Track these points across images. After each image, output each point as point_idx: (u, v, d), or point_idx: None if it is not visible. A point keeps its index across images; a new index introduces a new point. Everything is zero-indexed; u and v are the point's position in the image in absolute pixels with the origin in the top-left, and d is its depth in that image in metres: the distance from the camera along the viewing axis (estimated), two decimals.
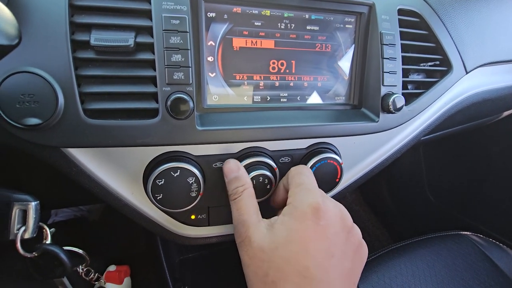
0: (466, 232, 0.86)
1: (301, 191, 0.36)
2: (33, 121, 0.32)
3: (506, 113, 0.85)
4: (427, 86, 0.51)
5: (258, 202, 0.42)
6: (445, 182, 1.20)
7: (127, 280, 0.57)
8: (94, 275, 0.49)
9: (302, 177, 0.38)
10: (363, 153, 0.50)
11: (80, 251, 0.41)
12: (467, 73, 0.54)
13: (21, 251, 0.33)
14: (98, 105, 0.35)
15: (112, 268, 0.56)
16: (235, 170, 0.39)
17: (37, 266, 0.36)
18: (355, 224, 0.37)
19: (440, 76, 0.52)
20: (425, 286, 0.72)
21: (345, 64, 0.48)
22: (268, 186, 0.42)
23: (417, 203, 1.31)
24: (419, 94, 0.50)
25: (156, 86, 0.36)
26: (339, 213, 0.36)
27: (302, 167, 0.42)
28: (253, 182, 0.41)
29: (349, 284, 0.33)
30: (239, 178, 0.38)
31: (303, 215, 0.33)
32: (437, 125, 0.55)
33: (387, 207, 1.43)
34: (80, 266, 0.45)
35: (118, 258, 0.67)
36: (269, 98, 0.45)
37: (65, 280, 0.41)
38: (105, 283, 0.53)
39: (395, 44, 0.46)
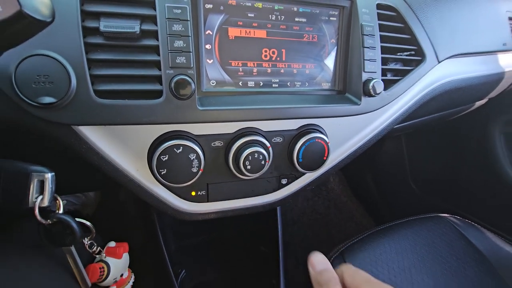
0: (444, 215, 0.92)
1: None
2: (48, 99, 0.35)
3: (478, 103, 0.92)
4: (403, 73, 0.56)
5: (254, 178, 0.46)
6: (426, 171, 1.28)
7: (125, 256, 0.60)
8: (97, 248, 0.52)
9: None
10: (348, 134, 0.55)
11: (88, 223, 0.44)
12: (439, 62, 0.60)
13: (39, 217, 0.36)
14: (107, 86, 0.38)
15: (112, 244, 0.59)
16: (324, 262, 0.36)
17: (49, 234, 0.39)
18: None
19: (415, 65, 0.58)
20: (407, 262, 0.78)
21: (330, 53, 0.53)
22: (263, 162, 0.46)
23: (400, 192, 1.38)
24: (396, 81, 0.55)
25: (159, 70, 0.40)
26: None
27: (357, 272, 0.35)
28: (248, 159, 0.45)
29: None
30: (330, 270, 0.35)
31: None
32: (414, 111, 0.61)
33: (372, 196, 1.50)
34: (86, 239, 0.48)
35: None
36: (262, 83, 0.50)
37: (72, 249, 0.44)
38: (105, 257, 0.56)
39: (374, 35, 0.51)
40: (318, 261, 0.37)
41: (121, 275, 0.61)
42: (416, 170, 1.30)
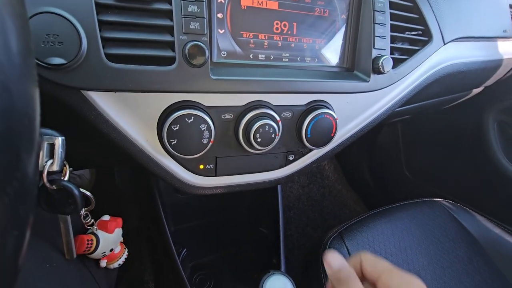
0: (438, 199, 0.95)
1: None
2: (57, 60, 0.34)
3: (475, 90, 0.94)
4: (410, 53, 0.57)
5: (262, 153, 0.46)
6: (420, 159, 1.31)
7: (118, 231, 0.59)
8: (90, 220, 0.51)
9: None
10: (354, 112, 0.55)
11: (88, 193, 0.43)
12: (444, 44, 0.60)
13: (46, 182, 0.35)
14: (118, 50, 0.37)
15: (106, 217, 0.58)
16: (340, 260, 0.35)
17: (49, 199, 0.38)
18: None
19: (421, 45, 0.58)
20: (403, 243, 0.80)
21: (340, 29, 0.52)
22: (273, 136, 0.46)
23: (394, 180, 1.41)
24: (404, 60, 0.56)
25: (172, 36, 0.39)
26: None
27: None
28: (259, 131, 0.45)
29: None
30: (347, 267, 0.34)
31: None
32: (417, 93, 0.62)
33: (366, 184, 1.53)
34: (83, 209, 0.48)
35: None
36: (272, 57, 0.49)
37: (68, 217, 0.43)
38: (96, 230, 0.56)
39: (385, 11, 0.51)
40: (334, 259, 0.36)
41: (111, 250, 0.60)
42: (411, 158, 1.33)
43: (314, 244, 0.81)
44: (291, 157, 0.54)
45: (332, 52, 0.53)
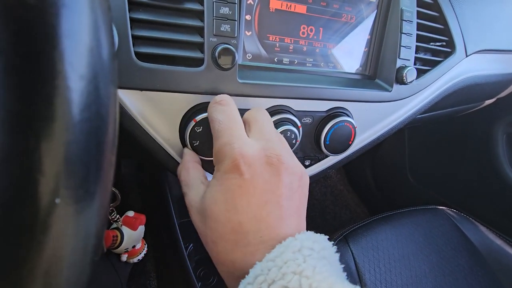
0: (442, 207, 0.96)
1: (224, 147, 0.33)
2: None
3: (487, 101, 0.94)
4: (432, 64, 0.56)
5: None
6: (425, 165, 1.31)
7: (141, 228, 0.60)
8: (116, 216, 0.52)
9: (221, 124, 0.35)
10: (373, 120, 0.55)
11: (114, 189, 0.43)
12: (466, 56, 0.60)
13: None
14: (148, 49, 0.37)
15: (130, 213, 0.58)
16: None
17: None
18: (286, 158, 0.33)
19: (444, 56, 0.58)
20: (406, 249, 0.81)
21: (365, 36, 0.52)
22: (294, 141, 0.46)
23: (397, 183, 1.42)
24: (425, 71, 0.55)
25: (202, 37, 0.38)
26: (264, 158, 0.32)
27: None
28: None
29: (294, 219, 0.31)
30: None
31: (225, 175, 0.31)
32: (435, 104, 0.62)
33: (368, 186, 1.54)
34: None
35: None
36: (296, 61, 0.49)
37: None
38: (121, 225, 0.56)
39: (412, 21, 0.50)
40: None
41: (134, 246, 0.61)
42: (415, 164, 1.33)
43: None
44: (307, 162, 0.54)
45: (355, 59, 0.53)
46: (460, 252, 0.85)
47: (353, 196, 1.61)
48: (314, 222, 1.48)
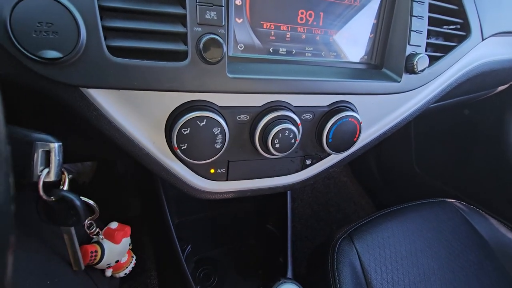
0: (451, 200, 0.92)
1: None
2: (52, 54, 0.29)
3: (500, 88, 0.88)
4: (445, 49, 0.51)
5: (278, 158, 0.41)
6: (432, 156, 1.26)
7: (125, 241, 0.55)
8: (95, 230, 0.48)
9: None
10: (380, 114, 0.50)
11: (91, 202, 0.39)
12: (483, 39, 0.54)
13: (42, 194, 0.31)
14: (122, 43, 0.32)
15: (113, 225, 0.54)
16: None
17: (50, 211, 0.34)
18: None
19: (458, 41, 0.52)
20: (414, 246, 0.78)
21: (371, 20, 0.46)
22: (293, 141, 0.42)
23: (403, 175, 1.37)
24: (437, 58, 0.50)
25: (184, 26, 0.33)
26: None
27: None
28: (278, 136, 0.40)
29: None
30: None
31: None
32: (448, 92, 0.56)
33: (373, 179, 1.50)
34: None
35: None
36: (294, 51, 0.44)
37: (71, 229, 0.40)
38: (102, 239, 0.52)
39: (424, 2, 0.45)
40: None
41: (117, 261, 0.56)
42: (422, 154, 1.29)
43: (321, 243, 0.79)
44: (308, 161, 0.50)
45: (359, 47, 0.47)
46: (469, 247, 0.82)
47: (357, 188, 1.58)
48: (318, 215, 1.45)
